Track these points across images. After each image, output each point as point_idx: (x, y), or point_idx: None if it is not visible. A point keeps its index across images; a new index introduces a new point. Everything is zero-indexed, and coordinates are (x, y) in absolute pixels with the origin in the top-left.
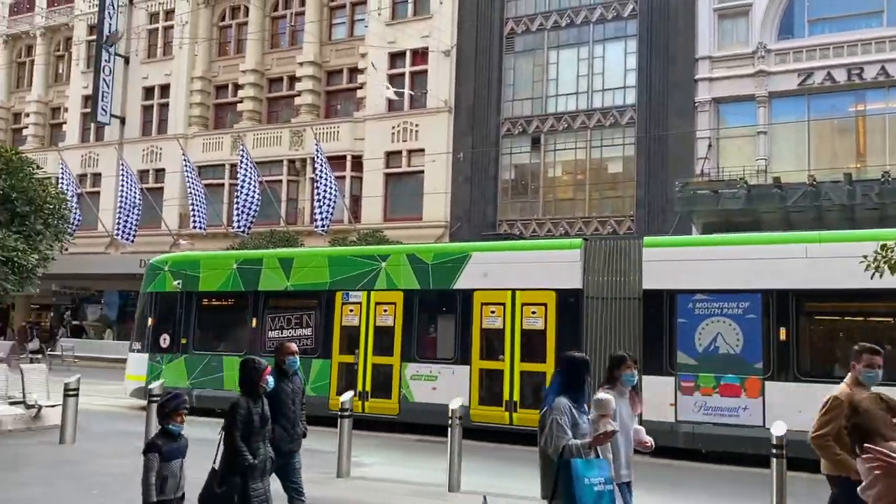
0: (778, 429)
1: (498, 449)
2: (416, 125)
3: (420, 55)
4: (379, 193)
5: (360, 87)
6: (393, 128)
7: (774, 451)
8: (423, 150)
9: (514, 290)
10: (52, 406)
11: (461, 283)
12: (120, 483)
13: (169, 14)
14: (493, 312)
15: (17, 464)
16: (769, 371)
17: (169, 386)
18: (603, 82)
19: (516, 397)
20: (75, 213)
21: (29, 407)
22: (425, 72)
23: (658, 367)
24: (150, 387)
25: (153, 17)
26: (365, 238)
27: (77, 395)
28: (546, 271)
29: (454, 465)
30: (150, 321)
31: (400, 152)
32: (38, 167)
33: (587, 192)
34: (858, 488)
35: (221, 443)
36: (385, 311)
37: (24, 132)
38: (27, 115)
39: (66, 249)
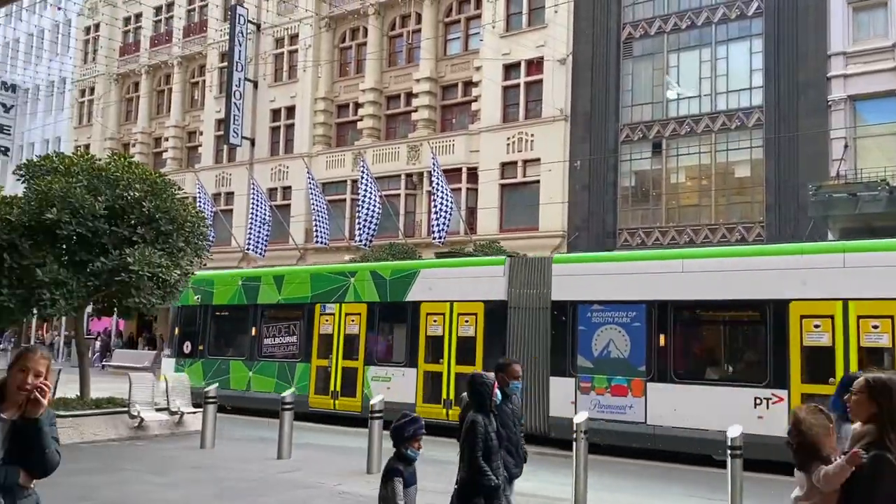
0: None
1: (623, 463)
2: (532, 135)
3: (535, 65)
4: (494, 204)
5: (475, 101)
6: (508, 139)
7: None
8: (538, 160)
9: (451, 302)
10: (193, 412)
11: (411, 296)
12: (257, 488)
13: (293, 38)
14: (435, 321)
15: (164, 467)
16: (651, 373)
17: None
18: (727, 84)
19: (452, 396)
20: (211, 230)
21: (172, 413)
22: (540, 81)
23: (562, 370)
24: (282, 395)
25: (279, 42)
26: (481, 249)
27: (215, 403)
28: (477, 285)
29: (580, 479)
30: (176, 330)
31: (515, 163)
32: (178, 188)
33: (713, 198)
34: (792, 494)
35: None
36: (352, 321)
37: (164, 155)
38: (166, 139)
39: (205, 265)
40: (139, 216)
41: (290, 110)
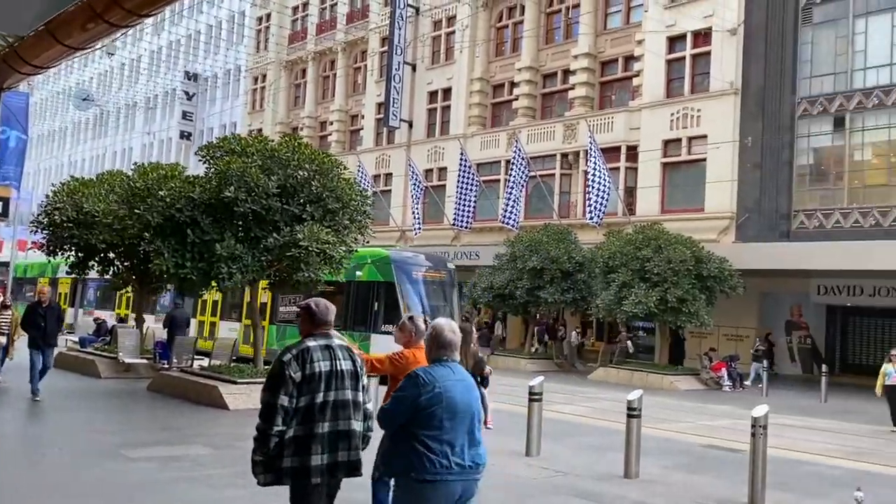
0: None
1: (800, 463)
2: (698, 110)
3: (702, 36)
4: (656, 184)
5: (636, 76)
6: (672, 115)
7: None
8: (705, 137)
9: None
10: None
11: None
12: None
13: (451, 20)
14: None
15: None
16: None
17: None
18: None
19: None
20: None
21: None
22: (708, 54)
23: None
24: None
25: (437, 24)
26: (642, 231)
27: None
28: None
29: (757, 480)
30: None
31: (679, 140)
32: (344, 168)
33: None
34: None
35: None
36: None
37: (329, 139)
38: (331, 123)
39: (368, 242)
40: (308, 195)
41: (447, 92)
